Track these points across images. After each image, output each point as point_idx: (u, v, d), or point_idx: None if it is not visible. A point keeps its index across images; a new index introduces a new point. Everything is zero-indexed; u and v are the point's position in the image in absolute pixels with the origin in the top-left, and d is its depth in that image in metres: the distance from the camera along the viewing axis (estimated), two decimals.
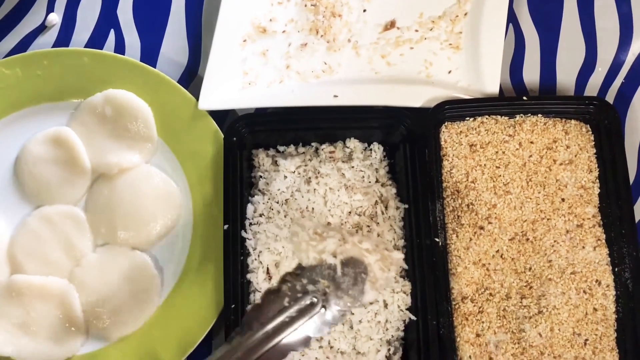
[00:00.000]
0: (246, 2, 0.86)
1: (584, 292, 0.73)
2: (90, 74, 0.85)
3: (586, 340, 0.73)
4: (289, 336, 0.58)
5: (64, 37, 0.91)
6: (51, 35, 0.91)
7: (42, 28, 0.92)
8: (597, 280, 0.74)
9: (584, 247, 0.75)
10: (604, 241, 0.75)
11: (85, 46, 0.90)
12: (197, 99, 0.81)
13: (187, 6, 0.91)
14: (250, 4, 0.87)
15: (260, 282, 0.75)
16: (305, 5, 0.87)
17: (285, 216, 0.77)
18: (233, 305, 0.74)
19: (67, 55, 0.85)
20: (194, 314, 0.77)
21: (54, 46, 0.90)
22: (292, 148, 0.82)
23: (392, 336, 0.74)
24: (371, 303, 0.71)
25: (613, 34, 0.87)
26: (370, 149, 0.81)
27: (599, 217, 0.76)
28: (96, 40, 0.91)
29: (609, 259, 0.75)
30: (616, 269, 0.74)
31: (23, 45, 0.91)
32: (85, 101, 0.85)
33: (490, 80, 0.80)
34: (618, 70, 0.85)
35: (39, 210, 0.82)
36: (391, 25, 0.86)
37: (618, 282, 0.74)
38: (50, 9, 0.92)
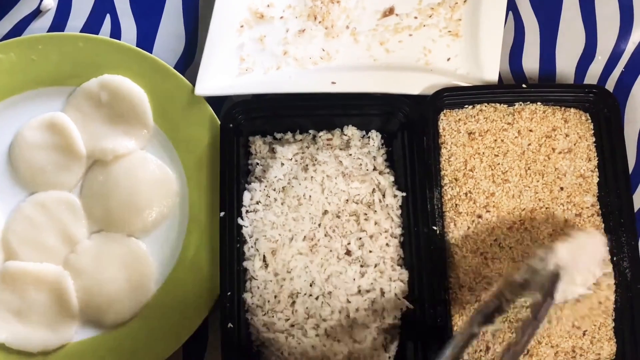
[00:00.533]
0: None
1: None
2: (86, 59, 0.84)
3: (584, 330, 0.73)
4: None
5: (59, 22, 0.90)
6: (46, 20, 0.90)
7: (37, 13, 0.91)
8: None
9: None
10: (602, 230, 0.75)
11: (81, 31, 0.89)
12: (194, 85, 0.81)
13: None
14: None
15: (256, 270, 0.75)
16: None
17: (282, 204, 0.76)
18: (229, 293, 0.74)
19: (62, 40, 0.85)
20: (190, 302, 0.77)
21: (49, 31, 0.89)
22: (289, 135, 0.81)
23: (389, 324, 0.74)
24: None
25: (613, 22, 0.86)
26: (368, 137, 0.80)
27: (598, 206, 0.76)
28: (92, 26, 0.90)
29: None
30: (614, 258, 0.74)
31: (17, 30, 0.90)
32: (81, 86, 0.84)
33: (489, 67, 0.79)
34: (618, 58, 0.85)
35: (33, 196, 0.82)
36: (390, 11, 0.85)
37: (616, 272, 0.74)
38: None
